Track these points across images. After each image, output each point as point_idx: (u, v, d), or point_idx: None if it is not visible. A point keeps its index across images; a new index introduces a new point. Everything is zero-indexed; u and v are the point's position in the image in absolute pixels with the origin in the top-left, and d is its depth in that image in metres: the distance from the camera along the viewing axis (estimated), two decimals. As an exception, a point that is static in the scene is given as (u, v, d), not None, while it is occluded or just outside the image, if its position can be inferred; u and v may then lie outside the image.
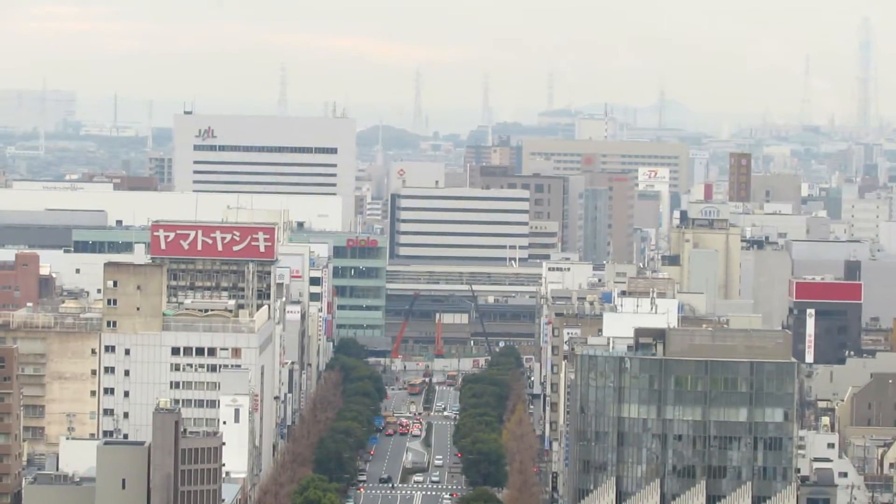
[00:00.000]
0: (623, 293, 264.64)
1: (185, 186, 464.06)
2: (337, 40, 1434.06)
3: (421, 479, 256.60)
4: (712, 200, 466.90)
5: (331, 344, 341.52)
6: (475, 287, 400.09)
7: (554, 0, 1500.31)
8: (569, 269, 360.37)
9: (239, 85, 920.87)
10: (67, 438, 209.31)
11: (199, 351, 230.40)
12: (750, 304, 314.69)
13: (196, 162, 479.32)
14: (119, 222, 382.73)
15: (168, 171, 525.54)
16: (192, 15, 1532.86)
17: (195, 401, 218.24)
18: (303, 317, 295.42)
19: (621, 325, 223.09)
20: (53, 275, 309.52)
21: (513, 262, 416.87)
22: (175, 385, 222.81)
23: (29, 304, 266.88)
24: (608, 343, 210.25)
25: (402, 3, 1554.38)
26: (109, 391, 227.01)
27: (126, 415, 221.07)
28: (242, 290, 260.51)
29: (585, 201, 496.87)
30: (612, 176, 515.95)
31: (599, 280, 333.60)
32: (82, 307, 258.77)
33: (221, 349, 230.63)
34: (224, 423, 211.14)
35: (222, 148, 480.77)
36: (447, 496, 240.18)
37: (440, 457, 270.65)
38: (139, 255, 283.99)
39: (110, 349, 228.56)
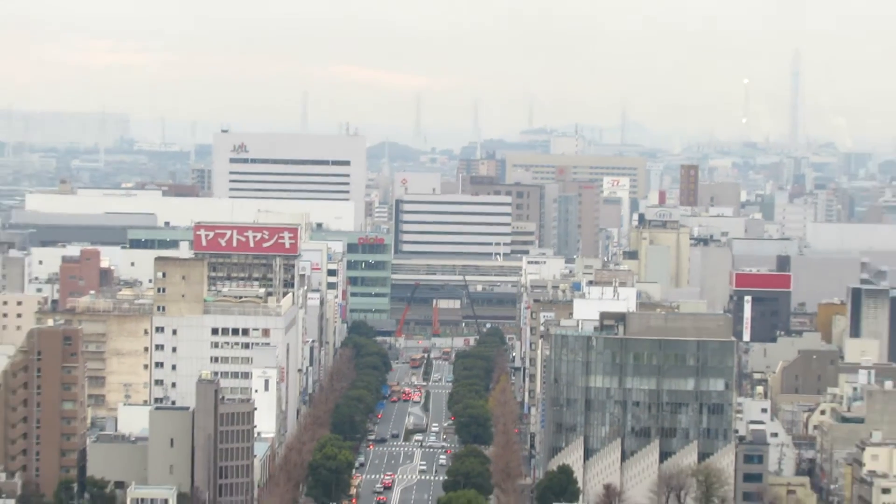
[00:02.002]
0: (590, 283, 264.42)
1: (222, 193, 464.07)
2: (350, 70, 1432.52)
3: (420, 438, 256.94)
4: (665, 205, 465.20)
5: (345, 325, 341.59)
6: (466, 277, 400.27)
7: (532, 35, 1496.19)
8: (545, 262, 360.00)
9: (267, 107, 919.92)
10: (124, 404, 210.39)
11: (235, 331, 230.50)
12: (697, 291, 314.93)
13: (231, 173, 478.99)
14: (167, 223, 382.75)
15: (208, 180, 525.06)
16: (225, 47, 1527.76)
17: (231, 373, 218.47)
18: (321, 302, 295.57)
19: (589, 309, 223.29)
20: (112, 267, 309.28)
21: (498, 256, 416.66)
22: (214, 360, 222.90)
23: (92, 292, 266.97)
24: (577, 324, 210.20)
25: (404, 38, 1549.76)
26: (159, 365, 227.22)
27: (174, 384, 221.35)
28: (271, 280, 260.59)
29: (559, 206, 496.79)
30: (581, 184, 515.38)
31: (570, 271, 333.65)
32: (136, 294, 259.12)
33: (253, 329, 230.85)
34: (255, 391, 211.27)
35: (253, 161, 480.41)
36: (442, 453, 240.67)
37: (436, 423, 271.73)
38: (184, 251, 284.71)
39: (160, 329, 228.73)
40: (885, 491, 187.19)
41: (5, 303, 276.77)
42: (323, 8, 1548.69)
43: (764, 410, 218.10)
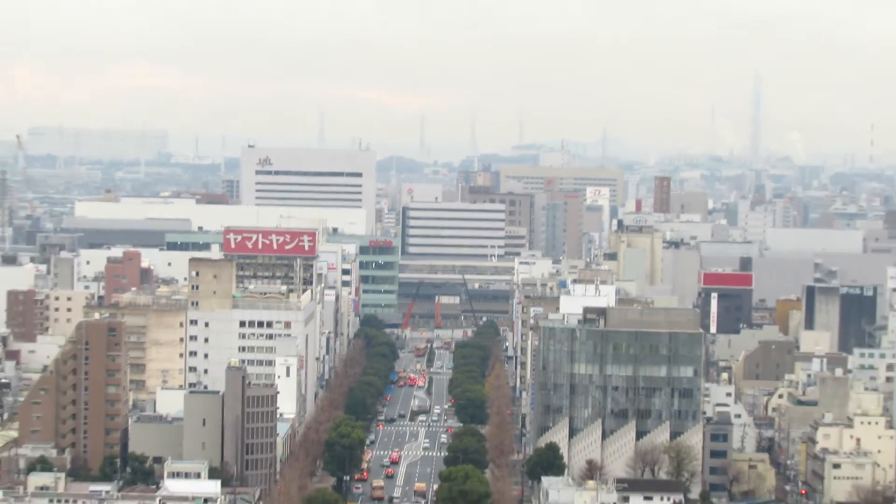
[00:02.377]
0: (575, 281, 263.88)
1: (249, 201, 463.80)
2: (361, 92, 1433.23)
3: (424, 418, 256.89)
4: (641, 212, 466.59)
5: (357, 318, 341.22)
6: (465, 276, 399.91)
7: (523, 60, 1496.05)
8: (534, 263, 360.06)
9: (289, 125, 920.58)
10: (162, 389, 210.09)
11: (260, 324, 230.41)
12: (669, 289, 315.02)
13: (257, 183, 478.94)
14: (200, 228, 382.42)
15: (236, 189, 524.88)
16: (251, 71, 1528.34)
17: (257, 361, 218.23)
18: (337, 298, 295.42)
19: (573, 304, 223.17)
20: (151, 267, 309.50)
21: (493, 257, 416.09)
22: (242, 349, 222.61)
23: (133, 289, 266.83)
24: (563, 318, 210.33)
25: (410, 63, 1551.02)
26: (193, 353, 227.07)
27: (206, 371, 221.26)
28: (292, 278, 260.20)
29: (547, 213, 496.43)
30: (567, 194, 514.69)
31: (557, 271, 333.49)
32: (173, 291, 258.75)
33: (276, 322, 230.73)
34: (278, 377, 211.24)
35: (276, 172, 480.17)
36: (443, 432, 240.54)
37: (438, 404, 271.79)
38: (215, 253, 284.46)
39: (194, 322, 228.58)
40: (836, 466, 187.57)
41: (57, 298, 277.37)
42: (338, 35, 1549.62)
43: (728, 394, 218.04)
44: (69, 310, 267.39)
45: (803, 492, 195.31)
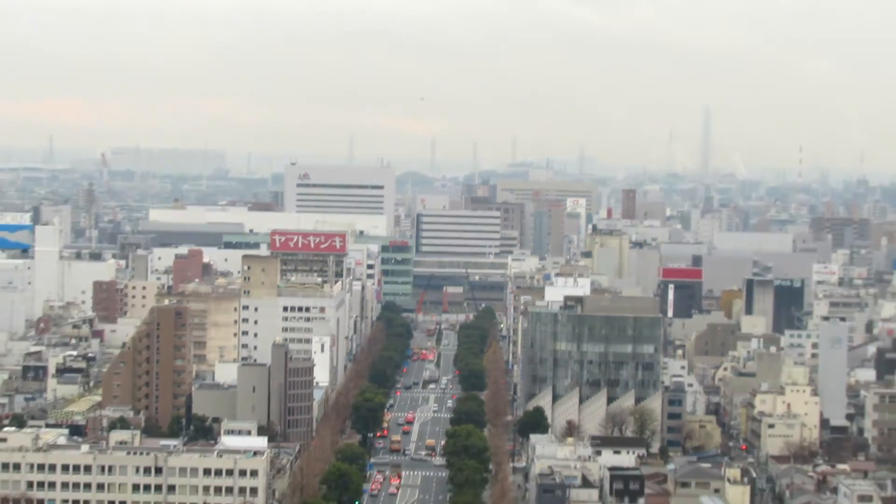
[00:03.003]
0: (557, 274, 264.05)
1: (291, 209, 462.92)
2: (383, 120, 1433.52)
3: (434, 386, 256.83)
4: (611, 219, 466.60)
5: (379, 305, 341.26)
6: (468, 270, 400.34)
7: (515, 93, 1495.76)
8: (524, 259, 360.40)
9: (324, 146, 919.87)
10: (219, 362, 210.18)
11: (299, 309, 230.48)
12: (634, 281, 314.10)
13: (298, 194, 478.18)
14: (251, 230, 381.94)
15: (281, 199, 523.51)
16: (295, 99, 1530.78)
17: (297, 339, 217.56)
18: (362, 288, 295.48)
19: (556, 293, 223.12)
20: (211, 262, 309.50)
21: (490, 255, 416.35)
22: (284, 329, 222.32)
23: (196, 280, 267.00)
24: (548, 304, 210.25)
25: (421, 92, 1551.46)
26: (245, 333, 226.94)
27: (255, 347, 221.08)
28: (326, 271, 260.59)
29: (534, 219, 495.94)
30: (551, 203, 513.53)
31: (542, 266, 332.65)
32: (228, 282, 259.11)
33: (313, 307, 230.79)
34: (314, 352, 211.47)
35: (314, 185, 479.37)
36: (449, 397, 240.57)
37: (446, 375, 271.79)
38: (263, 251, 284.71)
39: (245, 308, 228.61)
40: (771, 426, 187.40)
41: (134, 287, 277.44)
42: (363, 75, 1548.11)
43: (682, 367, 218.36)
44: (144, 297, 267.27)
45: (744, 447, 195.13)
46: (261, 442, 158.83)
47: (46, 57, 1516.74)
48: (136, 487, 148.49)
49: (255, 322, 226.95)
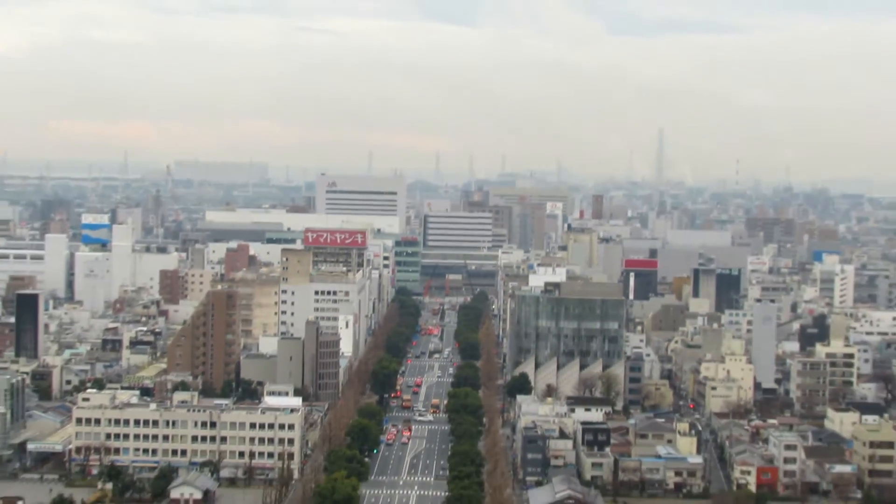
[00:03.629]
0: (539, 264, 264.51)
1: (321, 211, 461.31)
2: (397, 137, 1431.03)
3: (438, 356, 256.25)
4: (583, 219, 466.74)
5: (393, 289, 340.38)
6: (466, 261, 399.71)
7: (504, 116, 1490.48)
8: (511, 252, 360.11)
9: (348, 159, 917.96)
10: (263, 336, 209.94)
11: (328, 292, 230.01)
12: (601, 270, 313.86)
13: (327, 199, 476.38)
14: (288, 228, 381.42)
15: (313, 203, 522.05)
16: (324, 121, 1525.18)
17: (326, 317, 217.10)
18: (379, 276, 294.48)
19: (538, 280, 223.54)
20: (256, 255, 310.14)
21: (484, 248, 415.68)
22: (316, 309, 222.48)
23: (244, 269, 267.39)
24: (531, 289, 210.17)
25: (429, 118, 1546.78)
26: (283, 312, 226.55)
27: (292, 324, 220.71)
28: (349, 262, 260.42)
29: (520, 219, 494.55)
30: (534, 207, 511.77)
31: (527, 258, 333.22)
32: (270, 271, 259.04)
33: (339, 292, 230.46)
34: (340, 328, 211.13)
35: (340, 192, 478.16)
36: (451, 365, 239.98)
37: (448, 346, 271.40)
38: (298, 245, 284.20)
39: (284, 292, 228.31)
40: (713, 388, 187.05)
41: (192, 275, 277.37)
42: (382, 97, 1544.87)
43: (641, 341, 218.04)
44: (201, 283, 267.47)
45: (691, 406, 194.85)
46: (296, 401, 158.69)
47: (119, 85, 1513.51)
48: (194, 438, 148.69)
49: (292, 303, 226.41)
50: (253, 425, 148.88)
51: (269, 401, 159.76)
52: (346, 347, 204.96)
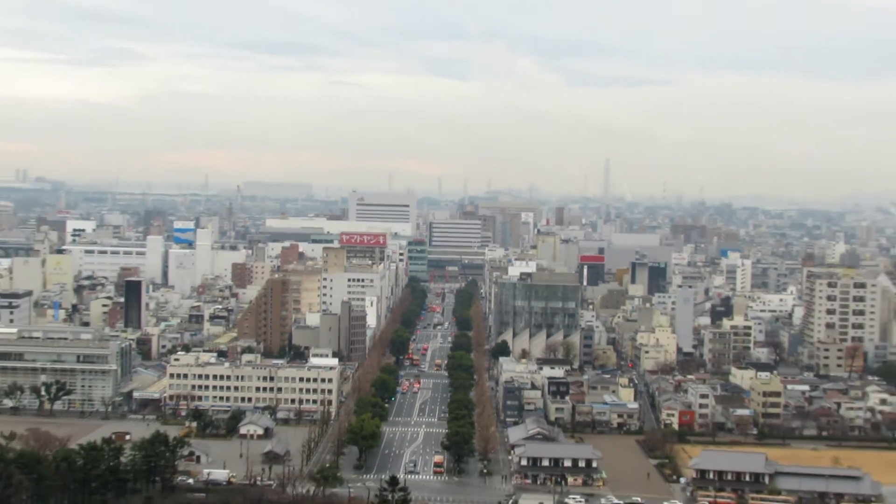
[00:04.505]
0: (516, 259, 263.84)
1: (353, 219, 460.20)
2: (409, 164, 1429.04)
3: (440, 327, 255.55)
4: (549, 226, 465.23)
5: (406, 278, 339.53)
6: (461, 257, 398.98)
7: (489, 149, 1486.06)
8: (495, 250, 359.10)
9: (372, 181, 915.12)
10: (309, 313, 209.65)
11: (358, 280, 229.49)
12: (563, 263, 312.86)
13: (357, 210, 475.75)
14: (328, 232, 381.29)
15: (347, 213, 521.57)
16: (353, 149, 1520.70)
17: (356, 298, 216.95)
18: (396, 268, 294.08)
19: (515, 271, 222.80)
20: (304, 252, 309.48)
21: (474, 247, 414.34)
22: (349, 293, 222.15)
23: (294, 263, 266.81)
24: (510, 278, 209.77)
25: (434, 149, 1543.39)
26: (324, 294, 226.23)
27: (331, 304, 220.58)
28: (374, 257, 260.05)
29: (502, 225, 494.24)
30: (512, 216, 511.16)
31: (506, 254, 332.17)
32: (314, 264, 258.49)
33: (366, 279, 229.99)
34: (367, 307, 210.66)
35: (367, 205, 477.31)
36: (450, 334, 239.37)
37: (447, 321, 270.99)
38: (335, 245, 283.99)
39: (325, 279, 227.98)
40: (646, 352, 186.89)
41: (256, 267, 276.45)
42: (398, 133, 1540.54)
43: (592, 316, 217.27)
44: (262, 273, 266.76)
45: (630, 365, 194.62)
46: (334, 362, 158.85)
47: (202, 125, 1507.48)
48: (257, 389, 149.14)
49: (331, 288, 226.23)
50: (301, 379, 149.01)
51: (314, 361, 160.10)
52: (371, 321, 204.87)
